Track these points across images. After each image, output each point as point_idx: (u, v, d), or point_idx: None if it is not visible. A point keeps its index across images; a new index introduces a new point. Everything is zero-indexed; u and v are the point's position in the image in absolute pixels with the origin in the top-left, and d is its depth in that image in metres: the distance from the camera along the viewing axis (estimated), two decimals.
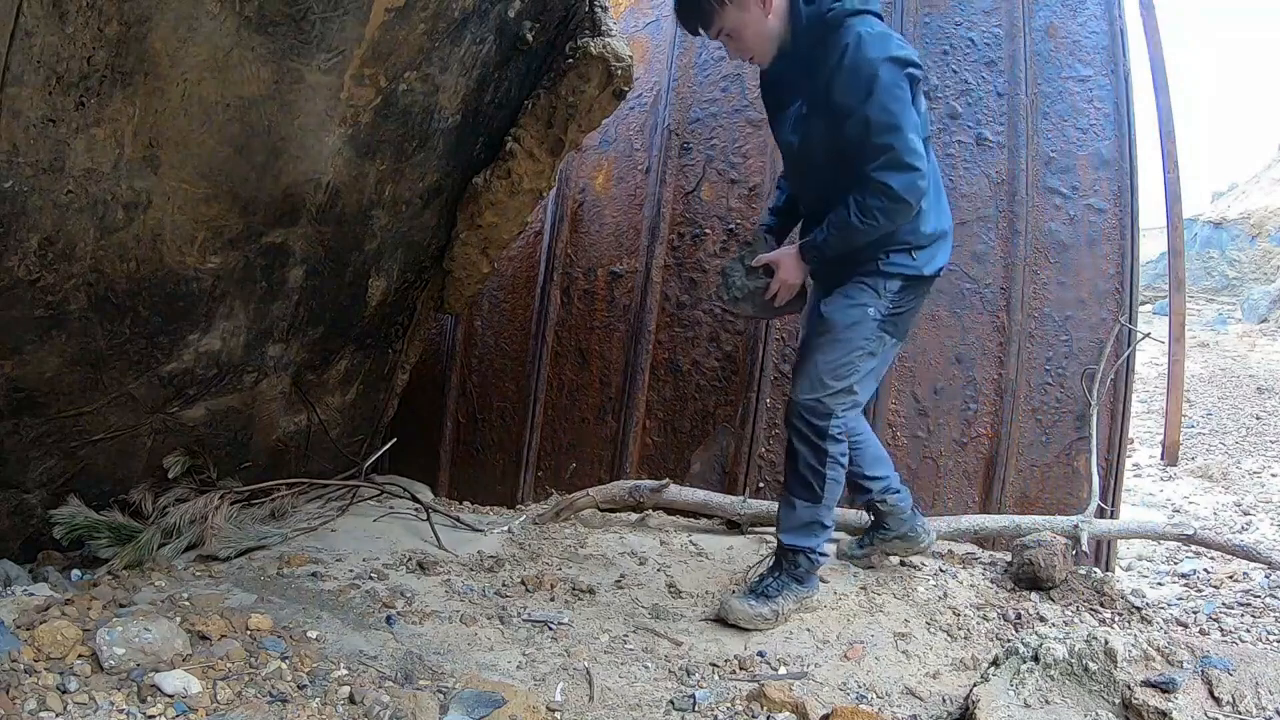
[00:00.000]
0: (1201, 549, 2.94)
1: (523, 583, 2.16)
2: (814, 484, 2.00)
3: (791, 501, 2.03)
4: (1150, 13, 3.16)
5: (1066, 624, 2.11)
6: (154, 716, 1.28)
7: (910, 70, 1.81)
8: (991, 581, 2.37)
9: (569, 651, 1.78)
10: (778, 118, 2.08)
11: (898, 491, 2.29)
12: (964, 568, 2.47)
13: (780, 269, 2.07)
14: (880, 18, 1.90)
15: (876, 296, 1.97)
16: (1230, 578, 2.80)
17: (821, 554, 2.07)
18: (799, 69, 1.94)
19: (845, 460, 2.04)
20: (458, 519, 2.73)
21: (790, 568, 2.04)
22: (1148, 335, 2.99)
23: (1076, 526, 2.50)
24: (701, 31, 1.98)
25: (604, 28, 2.41)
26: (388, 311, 2.69)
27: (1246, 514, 4.18)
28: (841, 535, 2.61)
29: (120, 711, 1.28)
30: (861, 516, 2.48)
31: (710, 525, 2.75)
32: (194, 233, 1.82)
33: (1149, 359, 7.90)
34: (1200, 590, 2.76)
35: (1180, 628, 2.23)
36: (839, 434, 2.00)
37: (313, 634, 1.68)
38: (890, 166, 1.80)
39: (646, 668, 1.74)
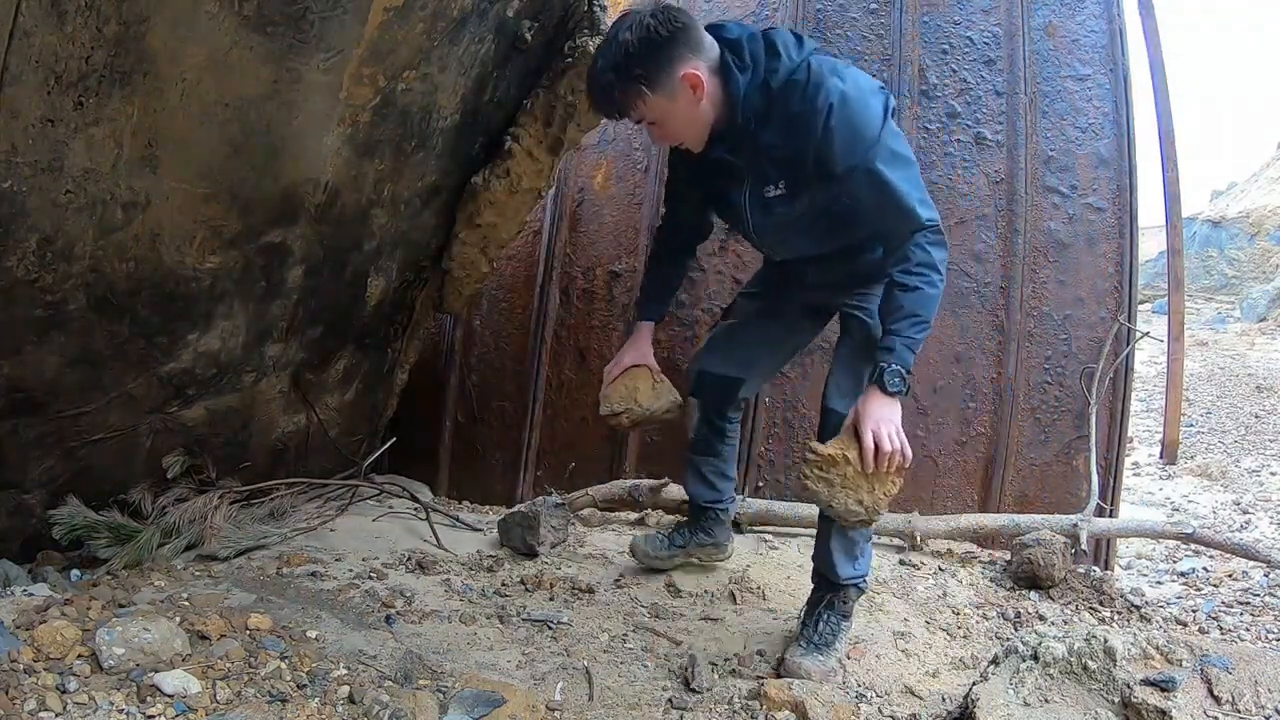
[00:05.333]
0: (1201, 547, 2.94)
1: (522, 582, 2.16)
2: None
3: (844, 532, 1.82)
4: (1150, 14, 3.16)
5: (1066, 623, 2.11)
6: (154, 716, 1.28)
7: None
8: (991, 580, 2.37)
9: (568, 651, 1.78)
10: (726, 202, 1.87)
11: (733, 500, 2.36)
12: (963, 567, 2.47)
13: (869, 427, 1.61)
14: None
15: None
16: (1229, 576, 2.80)
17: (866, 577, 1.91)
18: (751, 147, 1.71)
19: None
20: (457, 518, 2.73)
21: (842, 604, 1.87)
22: (1147, 334, 3.00)
23: (1076, 525, 2.50)
24: (618, 118, 1.80)
25: (603, 27, 2.41)
26: (387, 311, 2.69)
27: (1245, 512, 4.18)
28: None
29: (120, 711, 1.28)
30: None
31: None
32: (193, 232, 1.81)
33: (1148, 358, 7.90)
34: (1199, 589, 2.76)
35: (1179, 626, 2.23)
36: None
37: (312, 634, 1.68)
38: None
39: (646, 667, 1.74)
